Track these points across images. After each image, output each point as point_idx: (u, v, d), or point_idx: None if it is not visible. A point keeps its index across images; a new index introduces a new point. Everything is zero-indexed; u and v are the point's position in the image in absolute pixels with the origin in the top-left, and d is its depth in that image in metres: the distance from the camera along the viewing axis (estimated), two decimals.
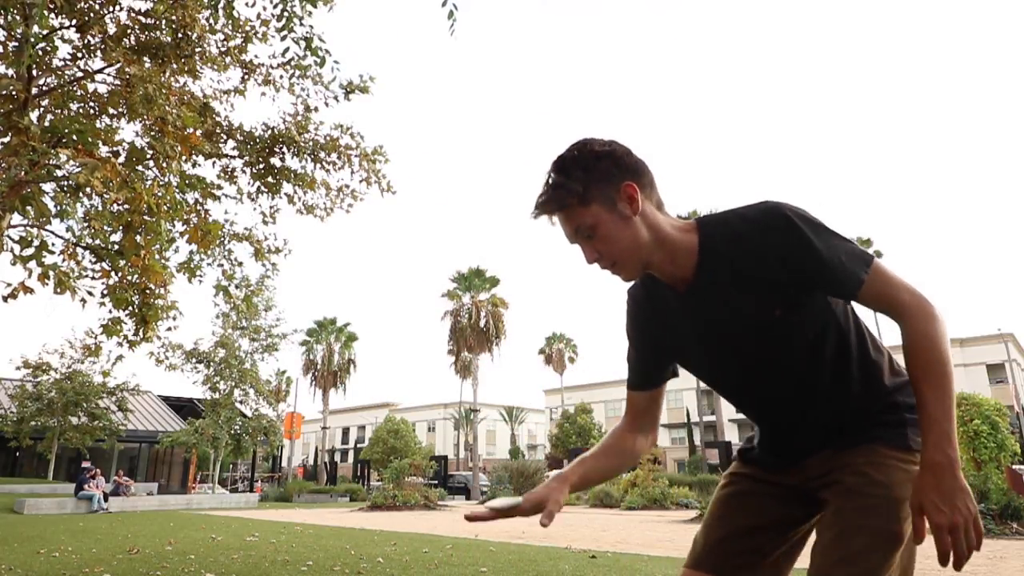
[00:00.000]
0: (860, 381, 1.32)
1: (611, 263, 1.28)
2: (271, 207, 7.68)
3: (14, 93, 5.28)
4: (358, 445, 56.67)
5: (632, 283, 1.44)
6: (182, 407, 33.54)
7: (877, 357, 1.35)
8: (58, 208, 5.95)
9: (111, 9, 6.25)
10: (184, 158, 6.01)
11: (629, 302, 1.48)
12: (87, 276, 6.19)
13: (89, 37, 6.26)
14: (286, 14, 5.97)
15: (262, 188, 7.51)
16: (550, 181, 1.28)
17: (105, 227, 6.07)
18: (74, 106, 6.51)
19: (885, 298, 1.22)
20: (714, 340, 1.34)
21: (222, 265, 7.63)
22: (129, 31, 6.35)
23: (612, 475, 1.53)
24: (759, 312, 1.26)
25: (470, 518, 1.31)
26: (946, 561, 1.10)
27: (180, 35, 6.31)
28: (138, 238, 5.50)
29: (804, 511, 1.42)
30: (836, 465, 1.30)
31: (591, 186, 1.25)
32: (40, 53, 5.42)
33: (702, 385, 33.62)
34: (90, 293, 5.67)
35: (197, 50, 6.47)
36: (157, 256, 5.97)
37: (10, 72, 5.86)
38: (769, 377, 1.33)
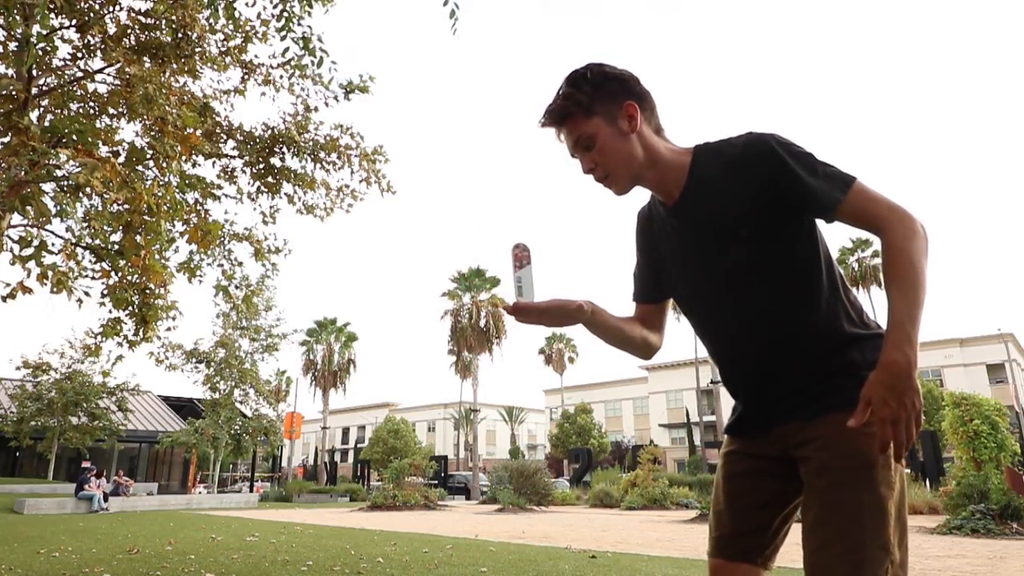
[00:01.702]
0: (823, 324, 1.32)
1: (604, 175, 1.39)
2: (271, 207, 7.68)
3: (14, 93, 5.28)
4: (358, 445, 56.64)
5: (640, 208, 1.58)
6: (182, 407, 33.54)
7: (841, 304, 1.35)
8: (58, 208, 5.95)
9: (111, 9, 6.24)
10: (184, 158, 6.01)
11: (637, 220, 1.60)
12: (87, 276, 6.19)
13: (89, 37, 6.26)
14: (286, 14, 5.96)
15: (262, 188, 7.50)
16: (560, 92, 1.39)
17: (105, 227, 6.07)
18: (74, 106, 6.50)
19: (865, 215, 1.26)
20: (690, 256, 1.41)
21: (222, 265, 7.63)
22: (129, 31, 6.35)
23: (616, 337, 1.53)
24: (728, 227, 1.32)
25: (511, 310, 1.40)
26: (885, 449, 1.14)
27: (180, 35, 6.31)
28: (138, 238, 5.50)
29: (794, 483, 1.39)
30: (806, 438, 1.31)
31: (596, 100, 1.36)
32: (40, 53, 5.42)
33: (702, 385, 33.61)
34: (87, 293, 5.67)
35: (197, 50, 6.47)
36: (157, 256, 5.97)
37: (10, 72, 5.87)
38: (735, 301, 1.36)
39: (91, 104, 6.55)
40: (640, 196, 1.53)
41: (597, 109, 1.36)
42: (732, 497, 1.46)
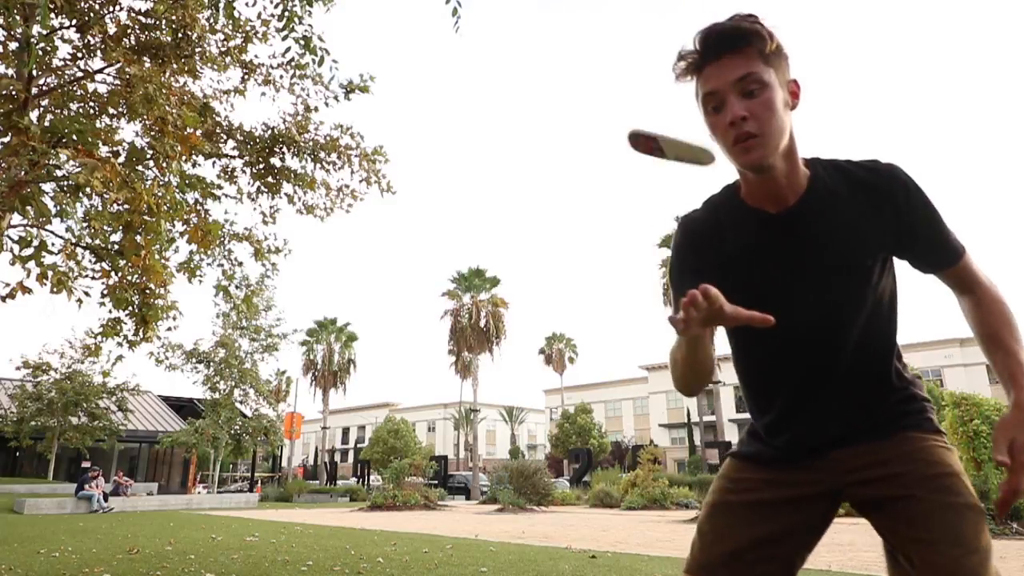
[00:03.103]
0: (895, 366, 1.31)
1: (755, 131, 1.15)
2: (271, 207, 7.68)
3: (14, 93, 5.28)
4: (358, 445, 56.68)
5: (689, 215, 1.37)
6: (182, 407, 33.53)
7: (900, 351, 1.35)
8: (58, 208, 5.94)
9: (111, 9, 6.25)
10: (184, 158, 6.01)
11: (687, 230, 1.36)
12: (87, 276, 6.18)
13: (89, 37, 6.26)
14: (286, 14, 5.96)
15: (262, 188, 7.51)
16: (748, 18, 1.18)
17: (105, 227, 6.06)
18: (74, 106, 6.50)
19: (971, 274, 1.27)
20: (790, 270, 1.25)
21: (222, 265, 7.63)
22: (129, 31, 6.35)
23: (699, 367, 1.25)
24: (852, 253, 1.22)
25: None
26: (1008, 504, 1.09)
27: (180, 35, 6.31)
28: (138, 238, 5.49)
29: (823, 513, 1.33)
30: (881, 458, 1.25)
31: (779, 55, 1.19)
32: (41, 53, 5.42)
33: None
34: (87, 293, 5.67)
35: (197, 50, 6.47)
36: (157, 256, 5.96)
37: (10, 72, 5.87)
38: (831, 327, 1.26)
39: (91, 104, 6.55)
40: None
41: (774, 62, 1.18)
42: (743, 524, 1.31)
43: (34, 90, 5.65)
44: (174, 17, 6.17)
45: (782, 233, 1.25)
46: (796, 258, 1.24)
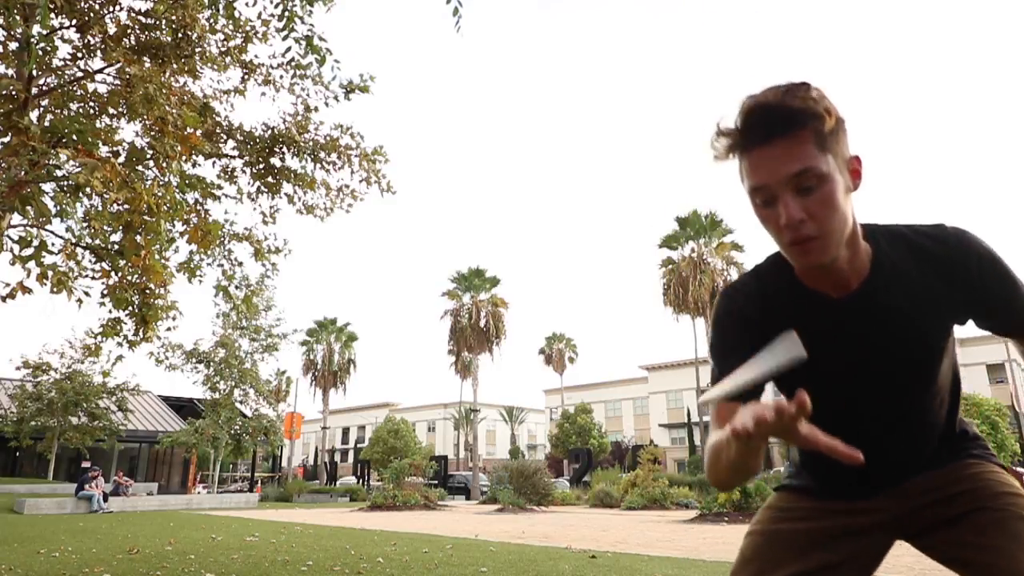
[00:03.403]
0: (958, 421, 1.32)
1: (815, 232, 1.01)
2: (271, 207, 7.68)
3: (14, 93, 5.28)
4: (358, 445, 56.68)
5: (735, 286, 1.25)
6: (182, 407, 33.53)
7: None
8: (58, 208, 5.95)
9: (111, 9, 6.25)
10: (184, 158, 6.01)
11: (733, 304, 1.23)
12: (87, 276, 6.19)
13: (89, 37, 6.26)
14: (287, 14, 5.96)
15: (262, 188, 7.51)
16: (800, 91, 1.00)
17: (105, 227, 6.07)
18: (74, 106, 6.50)
19: None
20: (853, 357, 1.17)
21: (222, 265, 7.63)
22: (129, 31, 6.35)
23: (747, 469, 1.12)
24: (921, 335, 1.15)
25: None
26: None
27: (180, 35, 6.31)
28: (138, 238, 5.49)
29: (879, 548, 1.29)
30: (948, 480, 1.25)
31: (837, 131, 1.02)
32: (41, 53, 5.42)
33: (702, 385, 33.62)
34: (87, 293, 5.67)
35: (197, 50, 6.47)
36: (157, 256, 5.96)
37: (10, 72, 5.87)
38: (896, 407, 1.21)
39: (91, 104, 6.55)
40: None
41: (831, 145, 1.01)
42: (799, 555, 1.23)
43: (34, 90, 5.65)
44: (174, 17, 6.17)
45: (845, 320, 1.15)
46: (860, 345, 1.15)
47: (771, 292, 1.20)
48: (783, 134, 0.99)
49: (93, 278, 6.12)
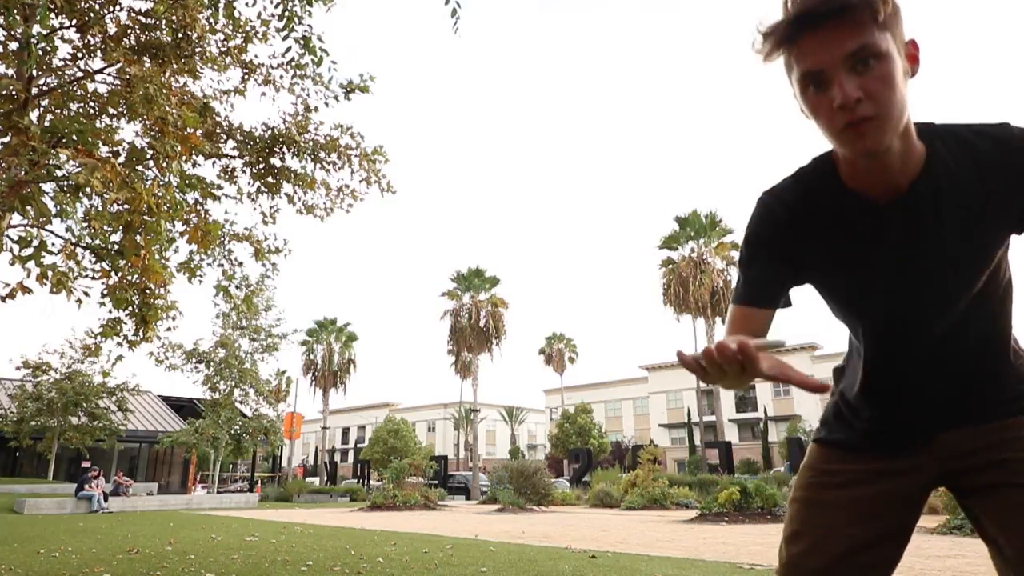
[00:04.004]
0: (1012, 348, 1.19)
1: (872, 112, 0.95)
2: (271, 207, 7.69)
3: (14, 93, 5.28)
4: (358, 445, 56.68)
5: (772, 191, 1.20)
6: (182, 407, 33.54)
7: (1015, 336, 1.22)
8: (58, 208, 5.95)
9: (111, 9, 6.25)
10: (184, 158, 6.01)
11: (769, 209, 1.19)
12: (87, 276, 6.19)
13: (89, 37, 6.26)
14: (287, 14, 5.97)
15: (262, 188, 7.51)
16: None
17: (105, 227, 6.07)
18: (74, 106, 6.51)
19: None
20: (897, 265, 1.10)
21: (222, 265, 7.64)
22: (129, 31, 6.35)
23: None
24: (973, 246, 1.07)
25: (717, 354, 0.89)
26: None
27: (180, 35, 6.31)
28: (138, 238, 5.50)
29: (920, 503, 1.24)
30: (990, 442, 1.15)
31: (895, 13, 0.97)
32: (41, 53, 5.42)
33: (702, 385, 33.66)
34: (87, 293, 5.67)
35: (197, 50, 6.47)
36: (157, 256, 5.97)
37: (10, 72, 5.87)
38: (942, 322, 1.13)
39: (91, 104, 6.55)
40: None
41: (891, 24, 0.96)
42: (847, 523, 1.20)
43: (34, 90, 5.65)
44: (174, 17, 6.17)
45: (891, 225, 1.08)
46: (906, 253, 1.09)
47: (811, 194, 1.14)
48: (840, 15, 0.94)
49: (93, 278, 6.13)
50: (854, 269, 1.14)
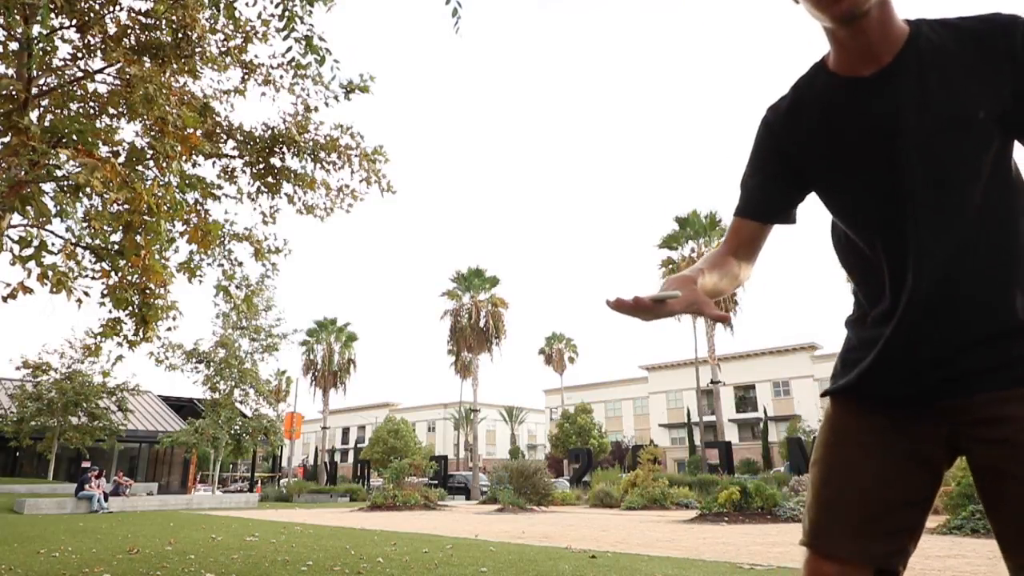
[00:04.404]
0: None
1: None
2: (271, 207, 7.69)
3: (14, 93, 5.28)
4: (358, 445, 56.69)
5: (772, 104, 1.26)
6: (182, 407, 33.55)
7: None
8: (58, 208, 5.95)
9: (111, 9, 6.25)
10: (184, 158, 6.01)
11: (768, 117, 1.26)
12: (87, 276, 6.19)
13: (89, 37, 6.26)
14: (287, 14, 5.97)
15: (262, 188, 7.51)
16: None
17: (105, 227, 6.07)
18: (74, 106, 6.51)
19: None
20: (886, 134, 1.08)
21: (222, 265, 7.64)
22: (129, 31, 6.35)
23: (721, 292, 1.22)
24: (960, 108, 1.04)
25: (614, 305, 1.01)
26: None
27: (180, 35, 6.31)
28: (138, 238, 5.50)
29: (937, 467, 1.17)
30: (1003, 414, 1.06)
31: None
32: (41, 53, 5.42)
33: (702, 385, 33.63)
34: (87, 293, 5.67)
35: (197, 50, 6.47)
36: (157, 256, 5.97)
37: (10, 72, 5.87)
38: (941, 193, 1.07)
39: (91, 104, 6.55)
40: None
41: None
42: (880, 483, 1.14)
43: (34, 90, 5.66)
44: (174, 17, 6.18)
45: (875, 94, 1.09)
46: (893, 122, 1.08)
47: (802, 92, 1.20)
48: None
49: (93, 278, 6.13)
50: (843, 148, 1.15)
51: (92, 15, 6.13)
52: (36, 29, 5.18)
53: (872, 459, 1.16)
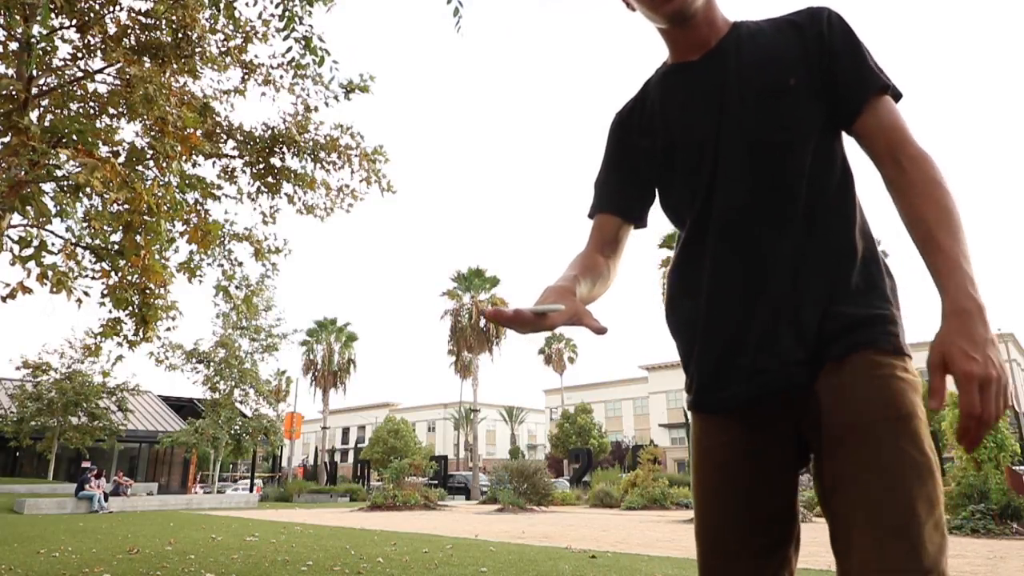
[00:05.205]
0: (858, 243, 1.10)
1: None
2: (271, 207, 7.69)
3: (14, 93, 5.28)
4: (358, 445, 56.65)
5: (622, 107, 1.37)
6: (182, 407, 33.53)
7: (871, 237, 1.15)
8: (58, 208, 5.95)
9: (111, 9, 6.25)
10: (184, 158, 6.02)
11: (616, 121, 1.36)
12: (87, 276, 6.19)
13: (89, 37, 6.26)
14: (287, 14, 5.97)
15: (262, 188, 7.51)
16: None
17: (105, 227, 6.07)
18: (74, 106, 6.51)
19: (895, 130, 1.08)
20: (714, 105, 1.17)
21: (222, 265, 7.64)
22: (129, 31, 6.35)
23: (596, 298, 1.26)
24: (776, 74, 1.14)
25: (491, 316, 0.99)
26: (969, 431, 0.89)
27: (180, 35, 6.31)
28: (138, 238, 5.50)
29: (790, 467, 1.14)
30: (823, 384, 1.04)
31: None
32: (41, 53, 5.42)
33: None
34: (87, 293, 5.68)
35: (197, 50, 6.47)
36: (157, 256, 5.97)
37: (10, 72, 5.87)
38: (764, 155, 1.12)
39: (91, 104, 6.55)
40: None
41: None
42: (742, 505, 1.13)
43: (34, 90, 5.66)
44: (174, 17, 6.17)
45: (702, 72, 1.21)
46: (718, 93, 1.17)
47: (648, 87, 1.33)
48: None
49: (93, 278, 6.13)
50: (678, 123, 1.22)
51: (92, 15, 6.13)
52: (36, 29, 5.18)
53: (731, 480, 1.14)
